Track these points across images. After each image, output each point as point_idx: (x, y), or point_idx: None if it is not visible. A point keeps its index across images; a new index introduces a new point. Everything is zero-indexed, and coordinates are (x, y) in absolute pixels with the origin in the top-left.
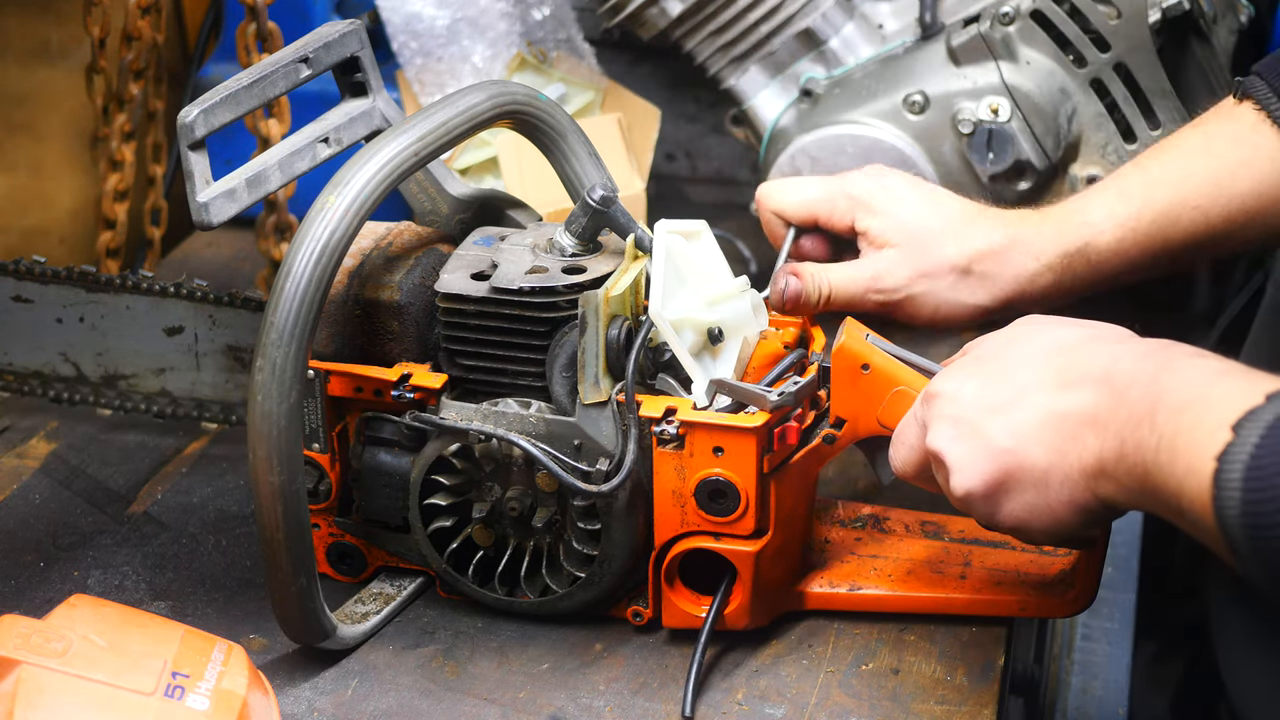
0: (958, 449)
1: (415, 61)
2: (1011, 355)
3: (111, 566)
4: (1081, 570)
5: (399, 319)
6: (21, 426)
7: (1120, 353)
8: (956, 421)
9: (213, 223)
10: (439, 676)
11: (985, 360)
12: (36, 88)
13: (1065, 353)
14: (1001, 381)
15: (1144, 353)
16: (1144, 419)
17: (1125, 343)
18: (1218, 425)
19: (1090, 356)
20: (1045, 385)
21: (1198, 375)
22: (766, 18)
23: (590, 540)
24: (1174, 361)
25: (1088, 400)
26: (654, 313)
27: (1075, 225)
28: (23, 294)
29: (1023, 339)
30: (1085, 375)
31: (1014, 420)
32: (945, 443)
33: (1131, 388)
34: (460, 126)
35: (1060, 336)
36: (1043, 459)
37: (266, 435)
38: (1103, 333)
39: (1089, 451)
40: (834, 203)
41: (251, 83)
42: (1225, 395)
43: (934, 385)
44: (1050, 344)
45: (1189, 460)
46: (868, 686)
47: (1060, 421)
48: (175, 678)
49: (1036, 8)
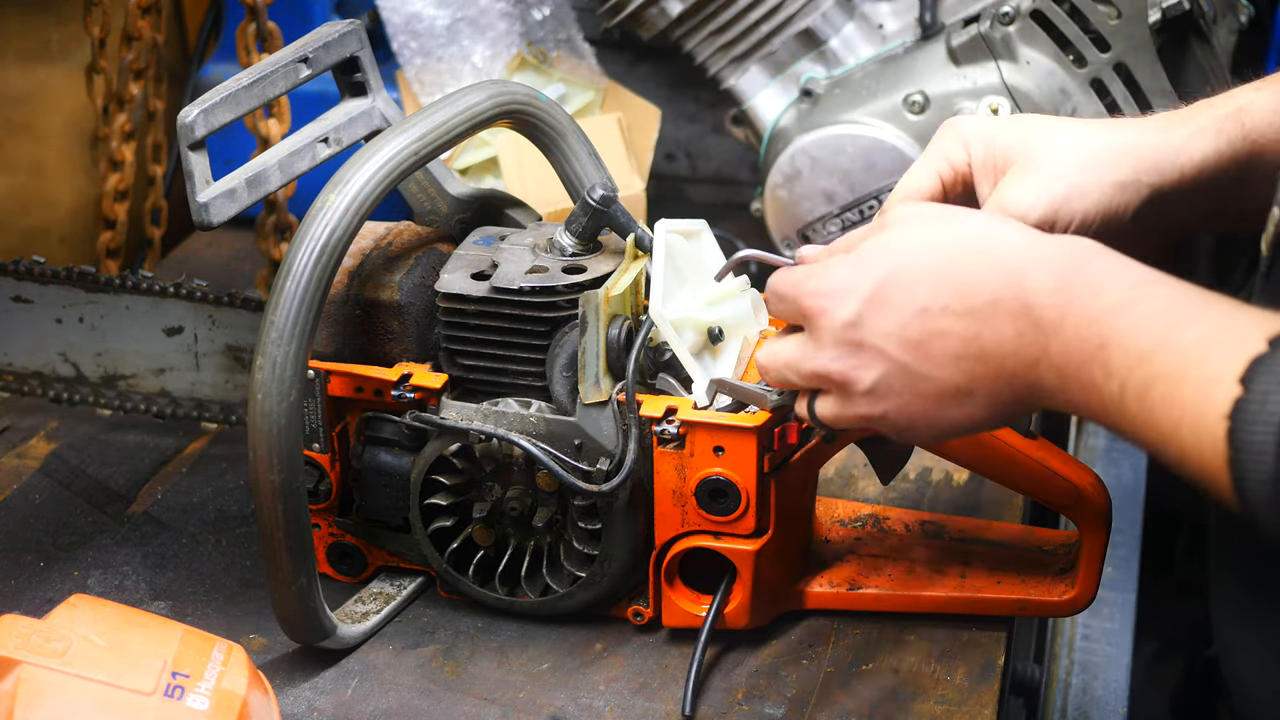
0: (866, 376)
1: (415, 61)
2: (899, 267)
3: (111, 566)
4: (1081, 570)
5: (399, 319)
6: (21, 426)
7: (1027, 269)
8: (858, 347)
9: (213, 223)
10: (439, 676)
11: (869, 269)
12: (36, 88)
13: (959, 264)
14: (900, 302)
15: (1059, 272)
16: (1092, 360)
17: (1023, 250)
18: (1212, 378)
19: (991, 275)
20: (951, 311)
21: (1151, 310)
22: (766, 18)
23: (591, 540)
24: (1105, 290)
25: (1007, 335)
26: (654, 312)
27: (1224, 97)
28: (23, 294)
29: (903, 244)
30: (995, 302)
31: (929, 351)
32: (850, 370)
33: (1063, 326)
34: (460, 126)
35: (945, 241)
36: (964, 384)
37: (266, 434)
38: (985, 231)
39: (1017, 379)
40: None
41: (251, 83)
42: (1208, 340)
43: (813, 294)
44: (939, 254)
45: (1183, 415)
46: (868, 686)
47: (980, 355)
48: (175, 678)
49: (1036, 8)
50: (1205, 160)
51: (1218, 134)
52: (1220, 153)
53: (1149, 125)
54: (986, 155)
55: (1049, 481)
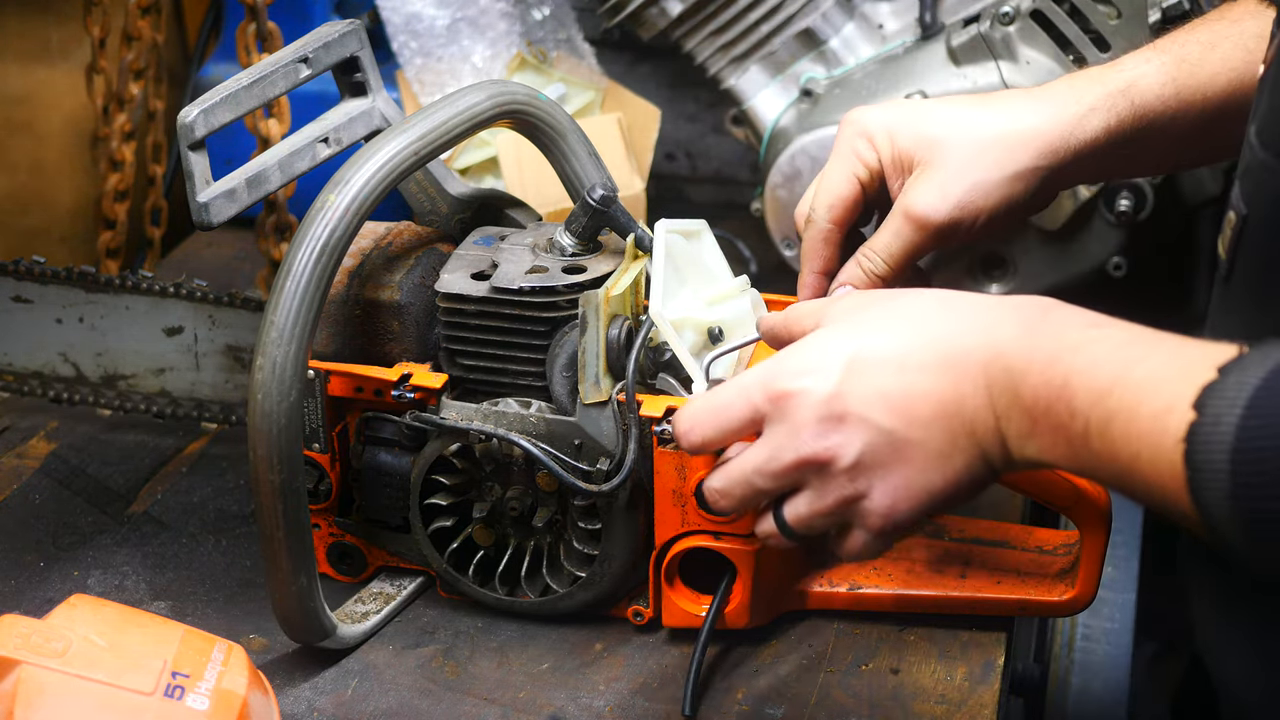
0: (851, 448)
1: (415, 61)
2: (871, 334)
3: (111, 566)
4: (1081, 571)
5: (399, 319)
6: (21, 426)
7: (994, 320)
8: (840, 421)
9: (213, 223)
10: (439, 676)
11: (839, 342)
12: (36, 88)
13: (928, 323)
14: (877, 363)
15: (1024, 320)
16: (1057, 400)
17: (987, 305)
18: (1166, 408)
19: (961, 328)
20: (928, 367)
21: (1106, 349)
22: (766, 18)
23: (591, 540)
24: (1064, 332)
25: (980, 385)
26: (654, 312)
27: (1113, 70)
28: (23, 294)
29: (867, 317)
30: (968, 352)
31: (911, 413)
32: (834, 446)
33: (1030, 369)
34: (460, 126)
35: (908, 308)
36: (946, 445)
37: (266, 434)
38: (943, 295)
39: (993, 433)
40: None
41: (251, 83)
42: (1160, 373)
43: (790, 375)
44: (907, 318)
45: (1141, 446)
46: (868, 686)
47: (958, 410)
48: (175, 678)
49: (1036, 8)
50: (1096, 139)
51: (1108, 112)
52: (1110, 130)
53: (1041, 103)
54: (893, 153)
55: (1049, 481)
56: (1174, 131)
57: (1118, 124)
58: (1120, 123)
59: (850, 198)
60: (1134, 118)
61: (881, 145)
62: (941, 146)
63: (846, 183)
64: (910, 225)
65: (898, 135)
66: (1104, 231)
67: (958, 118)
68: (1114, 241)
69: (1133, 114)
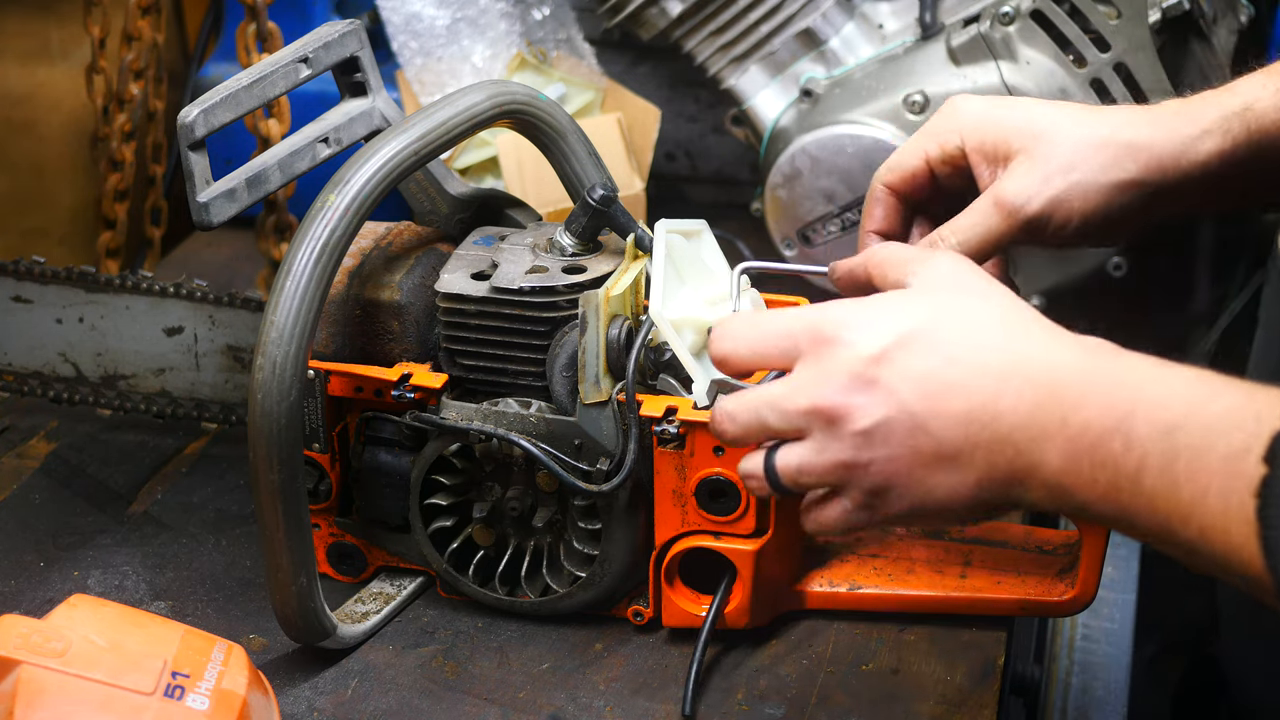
0: (870, 414)
1: (415, 61)
2: (939, 318)
3: (111, 566)
4: (1082, 570)
5: (399, 319)
6: (21, 426)
7: (1053, 345)
8: (871, 384)
9: (213, 223)
10: (439, 676)
11: (908, 311)
12: (36, 88)
13: (991, 329)
14: (931, 348)
15: (1084, 351)
16: (1113, 433)
17: (1049, 332)
18: (1237, 453)
19: (1019, 342)
20: (977, 367)
21: (1179, 383)
22: (766, 18)
23: (591, 540)
24: (1130, 367)
25: (1024, 403)
26: (654, 312)
27: (1227, 93)
28: (22, 294)
29: (943, 300)
30: (1021, 364)
31: (942, 405)
32: (854, 405)
33: (1087, 398)
34: (460, 126)
35: (981, 306)
36: (965, 449)
37: (266, 434)
38: (1016, 307)
39: (1019, 456)
40: (938, 135)
41: (251, 83)
42: (1234, 413)
43: (839, 322)
44: (977, 316)
45: (1209, 486)
46: (868, 686)
47: (991, 420)
48: (175, 678)
49: (1036, 8)
50: (1209, 162)
51: (1224, 135)
52: (1224, 154)
53: (1155, 120)
54: (985, 139)
55: None
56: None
57: (1232, 147)
58: (1235, 146)
59: (912, 169)
60: (1249, 142)
61: (969, 132)
62: (1047, 139)
63: (913, 155)
64: (999, 211)
65: (996, 123)
66: None
67: (1066, 116)
68: None
69: (1248, 138)
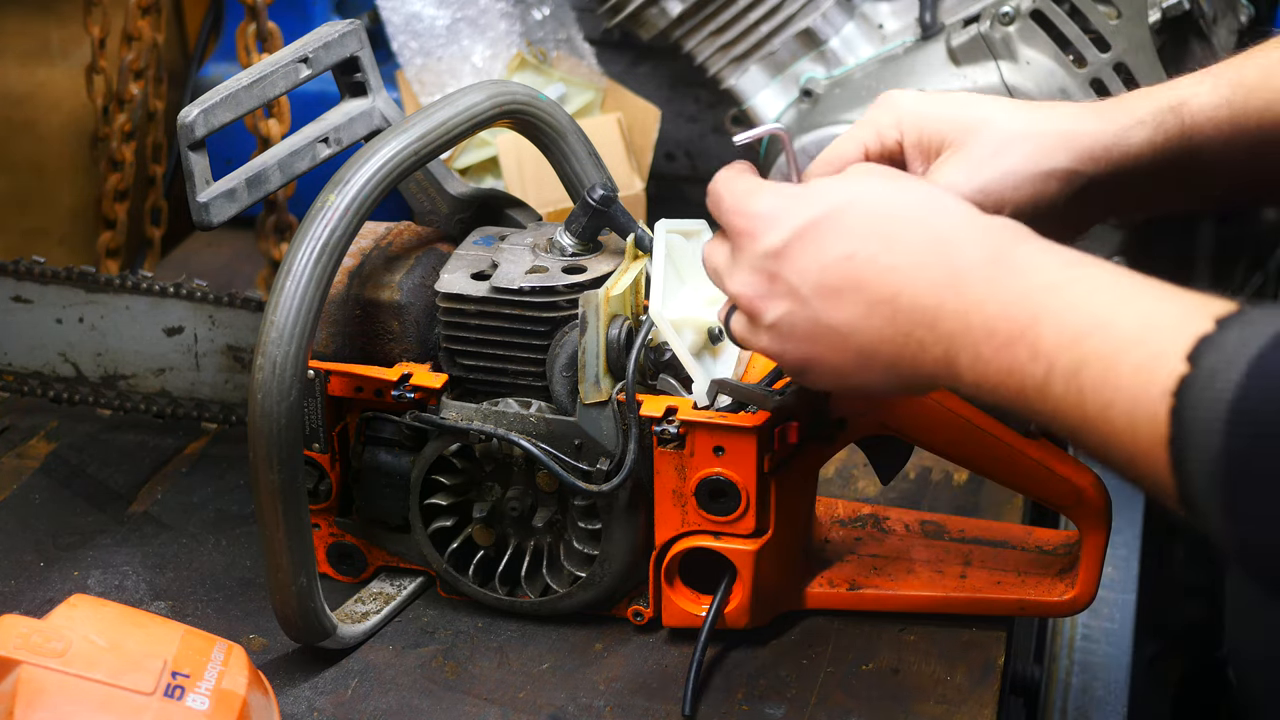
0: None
1: (415, 61)
2: (837, 211)
3: (111, 566)
4: (1082, 570)
5: (399, 319)
6: (21, 426)
7: (961, 242)
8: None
9: (213, 223)
10: (439, 676)
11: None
12: (36, 88)
13: (896, 222)
14: (827, 244)
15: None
16: (1018, 340)
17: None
18: (1155, 356)
19: (924, 239)
20: (876, 264)
21: (1088, 290)
22: (766, 18)
23: (591, 540)
24: (1039, 268)
25: (927, 303)
26: (654, 312)
27: (1167, 88)
28: (22, 294)
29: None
30: (922, 265)
31: (841, 301)
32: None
33: (990, 300)
34: (460, 126)
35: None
36: (867, 345)
37: (266, 434)
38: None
39: (924, 351)
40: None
41: (251, 83)
42: (1150, 320)
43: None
44: (880, 208)
45: (1117, 395)
46: (868, 686)
47: (891, 316)
48: (175, 678)
49: (1036, 8)
50: (1140, 153)
51: (1156, 127)
52: (1156, 146)
53: (1088, 111)
54: (921, 135)
55: (1049, 481)
56: (1226, 158)
57: (1164, 141)
58: (1167, 139)
59: (851, 160)
60: (1182, 137)
61: (908, 126)
62: (976, 131)
63: (853, 147)
64: None
65: (930, 118)
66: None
67: (997, 108)
68: (1114, 241)
69: (1181, 132)
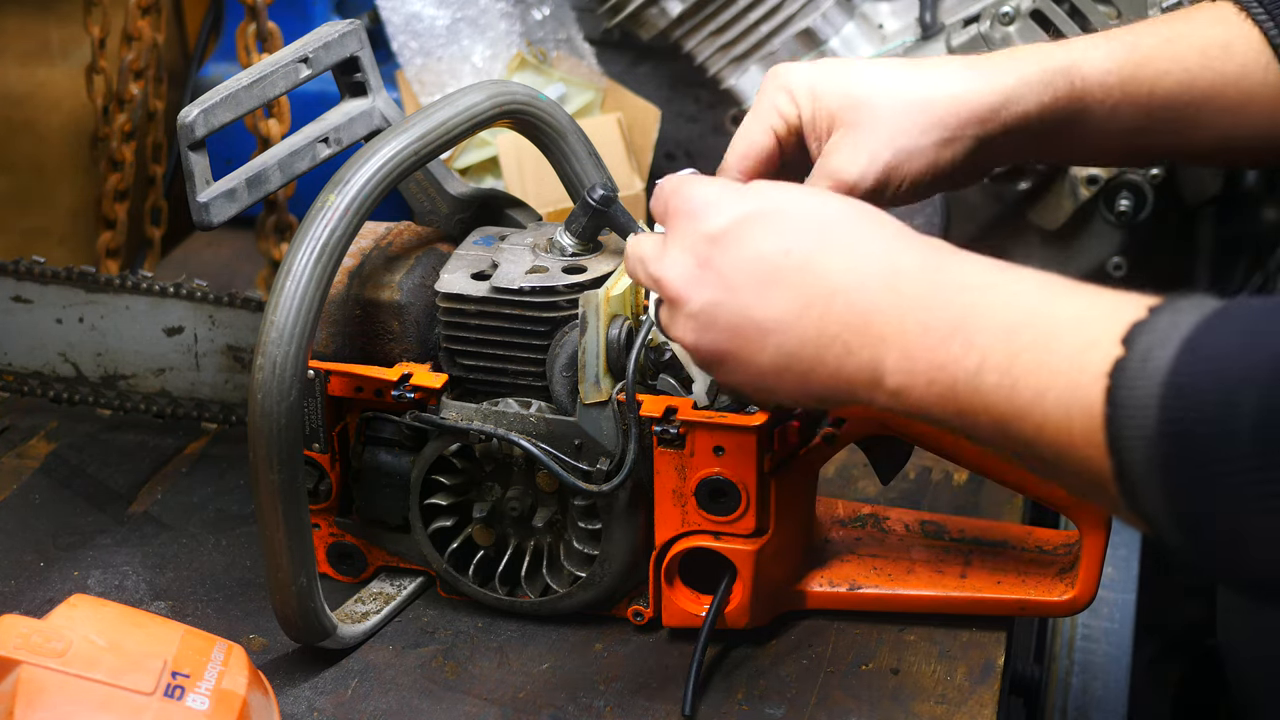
0: (699, 296)
1: (415, 61)
2: (783, 206)
3: (111, 566)
4: (1082, 571)
5: (399, 319)
6: (21, 426)
7: (899, 249)
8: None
9: (213, 223)
10: (439, 676)
11: (752, 198)
12: (36, 88)
13: (837, 227)
14: (767, 236)
15: (930, 253)
16: (952, 336)
17: (895, 238)
18: (1090, 342)
19: (866, 243)
20: (813, 264)
21: (1022, 289)
22: (766, 18)
23: (591, 540)
24: (975, 271)
25: (862, 306)
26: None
27: (1059, 48)
28: (22, 294)
29: (794, 194)
30: (859, 270)
31: (770, 296)
32: (685, 285)
33: (927, 300)
34: (460, 126)
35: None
36: (792, 347)
37: (266, 434)
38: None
39: (851, 355)
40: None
41: (251, 83)
42: (1084, 312)
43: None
44: (824, 214)
45: (1052, 382)
46: (868, 686)
47: (821, 320)
48: (175, 678)
49: (1036, 8)
50: (1029, 113)
51: (1044, 87)
52: (1044, 106)
53: (975, 72)
54: (814, 112)
55: (1049, 482)
56: (1115, 122)
57: (1052, 102)
58: (1056, 101)
59: (765, 150)
60: (1070, 99)
61: (803, 102)
62: (867, 108)
63: (763, 135)
64: (835, 188)
65: (821, 94)
66: (1104, 231)
67: (885, 78)
68: (1114, 241)
69: (1070, 95)
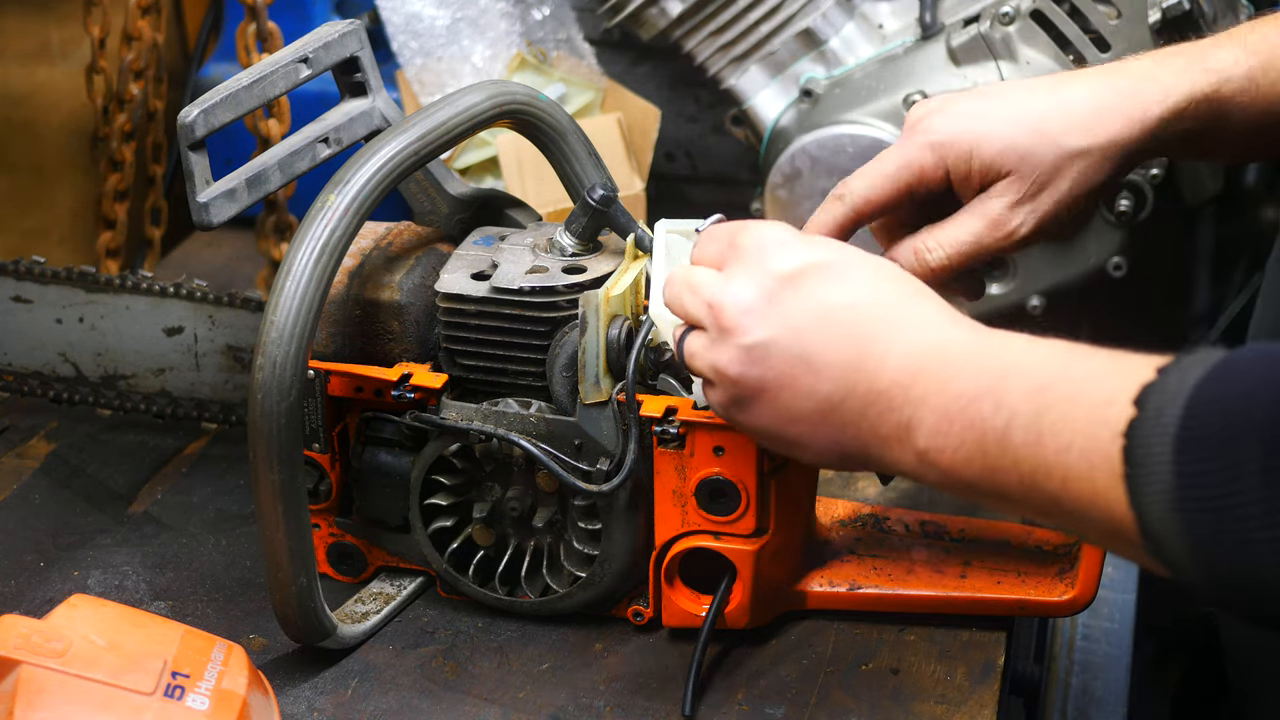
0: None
1: (415, 61)
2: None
3: (111, 566)
4: (1081, 570)
5: (399, 319)
6: (21, 426)
7: (946, 321)
8: (771, 301)
9: (213, 223)
10: (439, 676)
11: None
12: (36, 88)
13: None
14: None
15: (968, 325)
16: (985, 395)
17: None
18: (1107, 401)
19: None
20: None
21: (1049, 351)
22: (766, 18)
23: (591, 540)
24: (1011, 339)
25: (913, 358)
26: (654, 312)
27: (1201, 68)
28: (22, 294)
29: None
30: (915, 328)
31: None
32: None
33: (967, 361)
34: (460, 126)
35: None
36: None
37: (266, 434)
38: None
39: (890, 413)
40: (920, 165)
41: (251, 83)
42: (1102, 371)
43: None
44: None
45: (1075, 438)
46: (868, 686)
47: (878, 371)
48: (175, 678)
49: (1036, 8)
50: (1171, 142)
51: (1192, 120)
52: (1187, 135)
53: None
54: (973, 165)
55: None
56: (1244, 126)
57: (1195, 126)
58: (1198, 125)
59: (888, 201)
60: (1211, 119)
61: (955, 164)
62: (1033, 159)
63: (894, 188)
64: (993, 230)
65: (980, 152)
66: (1104, 231)
67: (1043, 125)
68: (1114, 241)
69: (1210, 116)
